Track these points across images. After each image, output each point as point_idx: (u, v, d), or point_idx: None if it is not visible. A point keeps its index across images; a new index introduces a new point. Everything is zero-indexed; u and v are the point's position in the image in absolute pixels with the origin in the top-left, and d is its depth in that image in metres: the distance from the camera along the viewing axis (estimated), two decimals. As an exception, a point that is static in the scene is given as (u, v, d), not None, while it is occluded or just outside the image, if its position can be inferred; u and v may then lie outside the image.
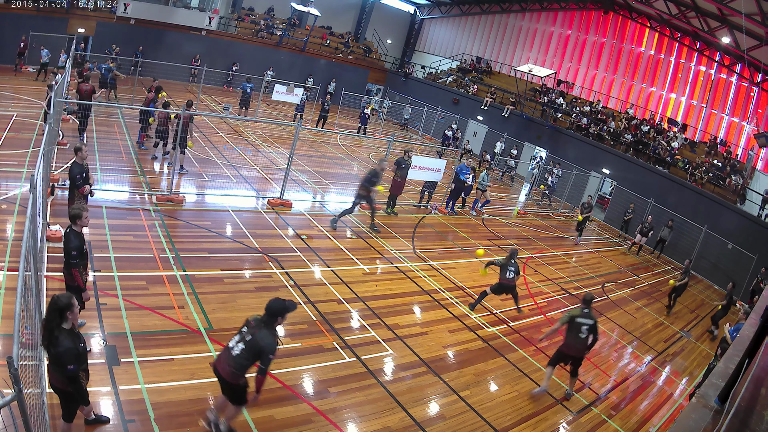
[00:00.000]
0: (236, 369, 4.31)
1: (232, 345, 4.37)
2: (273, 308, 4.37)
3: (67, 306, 3.72)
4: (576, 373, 6.98)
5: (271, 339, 4.30)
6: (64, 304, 3.72)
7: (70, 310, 3.74)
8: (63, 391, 3.93)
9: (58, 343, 3.67)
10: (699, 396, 2.56)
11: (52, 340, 3.68)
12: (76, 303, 3.84)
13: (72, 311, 3.77)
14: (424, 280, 9.52)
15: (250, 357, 4.29)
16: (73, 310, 3.78)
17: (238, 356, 4.29)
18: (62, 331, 3.72)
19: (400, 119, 27.99)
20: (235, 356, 4.30)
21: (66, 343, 3.69)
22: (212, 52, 24.78)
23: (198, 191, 11.03)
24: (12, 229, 7.39)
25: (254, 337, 4.29)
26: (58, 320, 3.71)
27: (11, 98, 14.72)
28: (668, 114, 22.95)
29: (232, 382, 4.37)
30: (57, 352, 3.66)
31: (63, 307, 3.70)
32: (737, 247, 15.64)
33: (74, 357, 3.72)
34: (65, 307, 3.71)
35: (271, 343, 4.28)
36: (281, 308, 4.39)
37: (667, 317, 11.66)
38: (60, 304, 3.70)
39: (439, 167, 13.99)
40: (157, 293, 6.71)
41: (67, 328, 3.76)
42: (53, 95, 9.59)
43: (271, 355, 4.28)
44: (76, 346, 3.76)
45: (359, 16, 32.45)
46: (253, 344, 4.27)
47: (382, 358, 6.73)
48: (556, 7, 26.75)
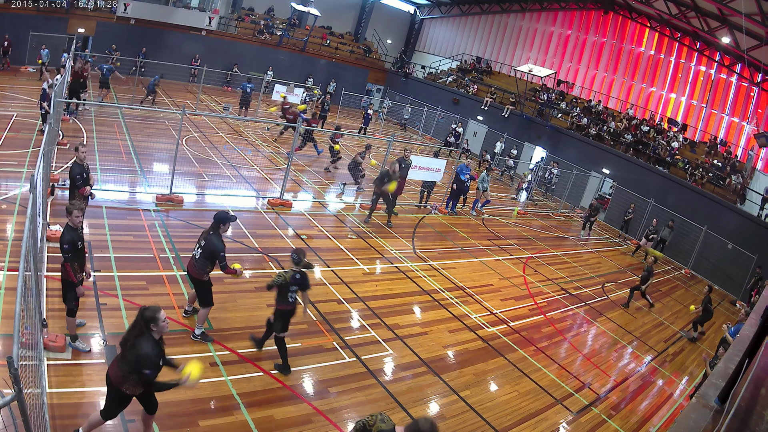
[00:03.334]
0: (199, 268, 5.67)
1: (194, 252, 5.72)
2: (217, 217, 5.71)
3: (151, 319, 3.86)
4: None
5: (218, 241, 5.62)
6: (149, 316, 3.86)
7: (154, 322, 3.86)
8: (115, 389, 3.96)
9: (140, 346, 3.81)
10: (699, 396, 2.55)
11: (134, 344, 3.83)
12: (164, 318, 3.94)
13: (157, 325, 3.88)
14: (424, 280, 9.52)
15: (208, 258, 5.63)
16: (159, 324, 3.89)
17: (199, 259, 5.66)
18: (148, 337, 3.87)
19: (400, 119, 28.00)
20: (197, 259, 5.68)
21: (148, 348, 3.82)
22: (212, 52, 24.77)
23: (198, 191, 11.03)
24: (12, 229, 7.39)
25: (207, 242, 5.62)
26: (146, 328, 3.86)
27: (11, 98, 14.72)
28: (668, 114, 22.94)
29: (199, 278, 5.71)
30: (137, 353, 3.79)
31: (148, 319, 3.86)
32: (737, 247, 15.64)
33: (153, 363, 3.84)
34: (149, 320, 3.86)
35: (218, 244, 5.61)
36: (223, 217, 5.71)
37: (667, 318, 11.66)
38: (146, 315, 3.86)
39: (439, 167, 14.00)
40: (157, 293, 6.71)
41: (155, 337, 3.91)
42: (53, 95, 9.58)
43: (222, 253, 5.61)
44: (156, 354, 3.88)
45: (359, 16, 32.45)
46: (206, 248, 5.61)
47: (382, 358, 6.73)
48: (556, 7, 26.74)
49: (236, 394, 5.31)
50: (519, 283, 10.80)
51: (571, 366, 8.07)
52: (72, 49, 16.85)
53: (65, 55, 17.55)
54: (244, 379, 5.59)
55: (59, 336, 5.22)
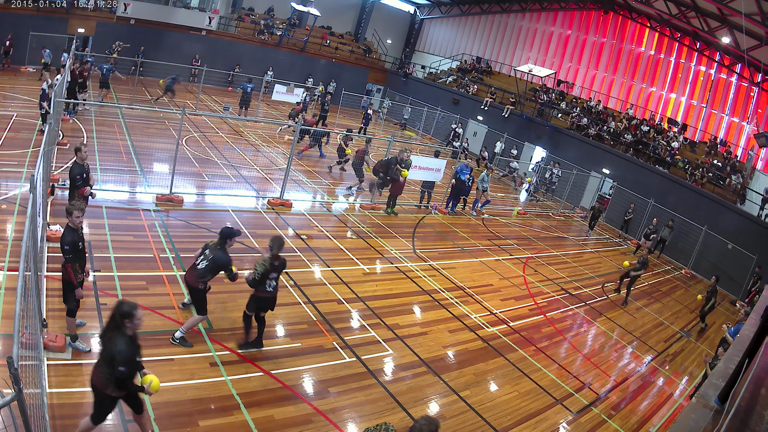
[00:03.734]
0: (198, 277, 5.74)
1: (197, 262, 5.77)
2: (223, 233, 5.81)
3: (127, 314, 3.83)
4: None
5: (225, 257, 5.77)
6: (126, 311, 3.83)
7: (129, 318, 3.83)
8: (101, 393, 3.95)
9: (115, 343, 3.78)
10: (699, 396, 2.55)
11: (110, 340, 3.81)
12: (140, 315, 3.91)
13: (132, 321, 3.85)
14: (424, 280, 9.51)
15: (212, 270, 5.75)
16: (134, 321, 3.86)
17: (202, 269, 5.71)
18: (122, 334, 3.83)
19: (400, 119, 27.98)
20: (200, 269, 5.72)
21: (123, 345, 3.80)
22: (212, 52, 24.78)
23: (198, 191, 11.03)
24: (12, 229, 7.39)
25: (214, 257, 5.72)
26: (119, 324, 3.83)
27: (11, 98, 14.72)
28: (668, 114, 22.94)
29: (195, 286, 5.76)
30: (112, 351, 3.77)
31: (124, 314, 3.83)
32: (737, 247, 15.64)
33: (127, 360, 3.80)
34: (125, 315, 3.83)
35: (226, 260, 5.77)
36: (229, 233, 5.83)
37: (667, 318, 11.66)
38: (123, 310, 3.83)
39: (439, 167, 14.00)
40: (157, 293, 6.71)
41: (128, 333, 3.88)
42: (53, 95, 9.58)
43: (230, 266, 5.81)
44: (131, 351, 3.86)
45: (359, 16, 32.45)
46: (213, 262, 5.72)
47: (382, 358, 6.73)
48: (556, 7, 26.74)
49: (236, 394, 5.31)
50: (519, 283, 10.80)
51: (571, 366, 8.07)
52: (72, 49, 16.86)
53: (65, 55, 17.55)
54: (244, 379, 5.59)
55: (59, 336, 5.23)
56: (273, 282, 5.88)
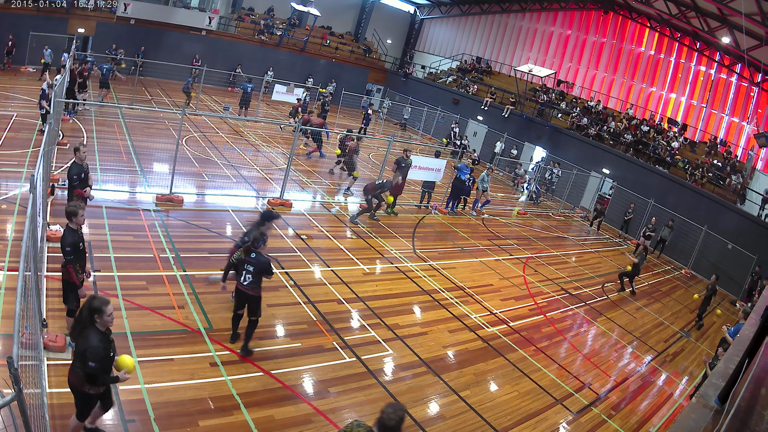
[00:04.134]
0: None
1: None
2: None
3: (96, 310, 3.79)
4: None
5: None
6: (95, 307, 3.79)
7: (98, 314, 3.80)
8: (79, 391, 3.94)
9: (87, 339, 3.74)
10: (699, 396, 2.55)
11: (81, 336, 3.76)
12: (110, 312, 3.87)
13: (102, 317, 3.81)
14: (424, 280, 9.51)
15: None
16: (103, 317, 3.82)
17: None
18: (94, 330, 3.79)
19: (400, 119, 27.98)
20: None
21: (94, 341, 3.75)
22: (212, 52, 24.77)
23: (198, 191, 11.03)
24: (12, 229, 7.39)
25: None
26: (90, 320, 3.79)
27: (11, 98, 14.72)
28: (668, 114, 22.94)
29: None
30: (83, 347, 3.73)
31: (93, 309, 3.79)
32: (737, 247, 15.64)
33: (99, 356, 3.76)
34: (94, 310, 3.79)
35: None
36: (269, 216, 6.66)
37: (667, 318, 11.66)
38: (92, 305, 3.79)
39: (439, 167, 14.01)
40: (157, 293, 6.71)
41: (100, 329, 3.83)
42: (53, 95, 9.58)
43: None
44: (104, 347, 3.81)
45: (359, 16, 32.45)
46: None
47: (382, 358, 6.73)
48: (556, 7, 26.74)
49: (236, 394, 5.31)
50: (519, 283, 10.80)
51: (571, 366, 8.07)
52: (72, 49, 16.86)
53: (65, 55, 17.54)
54: (244, 379, 5.59)
55: (59, 336, 5.23)
56: (249, 276, 5.77)
